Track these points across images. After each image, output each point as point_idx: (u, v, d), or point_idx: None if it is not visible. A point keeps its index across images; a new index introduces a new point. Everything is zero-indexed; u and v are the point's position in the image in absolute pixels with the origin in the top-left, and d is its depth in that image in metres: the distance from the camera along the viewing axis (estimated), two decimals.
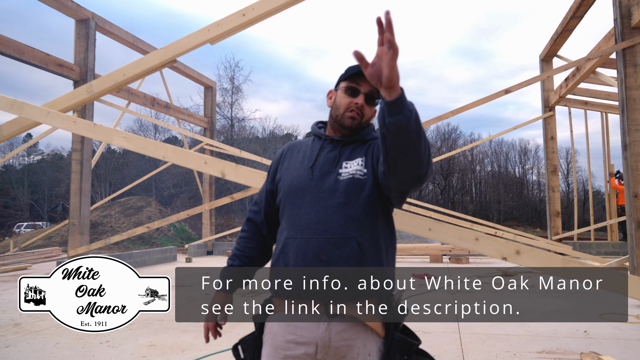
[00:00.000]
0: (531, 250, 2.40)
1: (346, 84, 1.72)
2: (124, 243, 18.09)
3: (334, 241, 1.56)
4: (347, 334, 1.55)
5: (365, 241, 1.58)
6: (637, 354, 4.05)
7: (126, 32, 11.23)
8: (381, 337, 1.59)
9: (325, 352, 1.55)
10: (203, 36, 3.72)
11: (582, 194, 32.35)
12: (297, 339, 1.57)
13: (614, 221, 12.86)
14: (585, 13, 9.22)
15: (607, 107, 12.83)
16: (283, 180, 1.73)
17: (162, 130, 37.05)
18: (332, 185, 1.62)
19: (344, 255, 1.54)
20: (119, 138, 3.15)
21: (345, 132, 1.73)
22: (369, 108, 1.73)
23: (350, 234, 1.56)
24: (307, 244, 1.57)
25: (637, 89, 6.44)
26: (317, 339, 1.55)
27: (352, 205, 1.59)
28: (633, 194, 6.37)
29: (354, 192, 1.60)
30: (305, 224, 1.59)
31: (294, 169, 1.71)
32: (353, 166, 1.65)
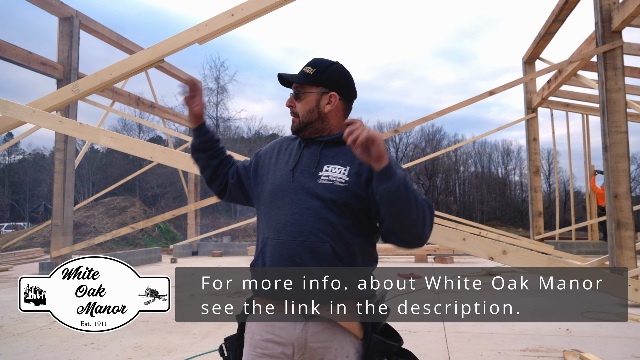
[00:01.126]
0: (517, 250, 2.44)
1: None
2: (108, 244, 17.87)
3: (307, 244, 1.55)
4: (323, 335, 1.55)
5: (339, 246, 1.56)
6: (617, 351, 4.15)
7: (110, 31, 11.10)
8: (359, 339, 1.57)
9: (302, 352, 1.55)
10: (191, 36, 3.70)
11: (564, 194, 32.87)
12: (275, 338, 1.58)
13: (594, 221, 13.11)
14: (567, 16, 9.38)
15: (588, 109, 13.07)
16: (266, 178, 1.74)
17: (147, 130, 36.69)
18: (310, 188, 1.61)
19: (317, 258, 1.54)
20: (106, 138, 3.12)
21: (300, 135, 1.75)
22: (302, 103, 1.71)
23: (324, 238, 1.55)
24: (283, 245, 1.57)
25: (618, 92, 6.58)
26: (294, 339, 1.56)
27: (328, 210, 1.57)
28: (613, 194, 6.50)
29: (331, 197, 1.58)
30: (282, 226, 1.59)
31: (279, 168, 1.72)
32: (334, 172, 1.62)
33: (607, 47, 6.65)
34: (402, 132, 39.58)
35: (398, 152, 40.63)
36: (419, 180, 38.59)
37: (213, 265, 11.63)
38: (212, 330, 4.98)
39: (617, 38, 6.72)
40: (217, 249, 15.06)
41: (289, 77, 1.75)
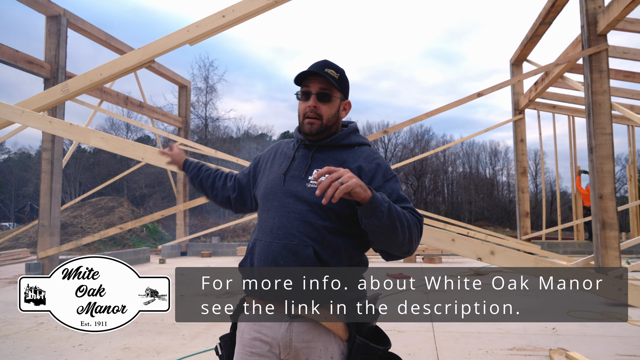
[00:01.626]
0: (505, 250, 2.49)
1: (300, 89, 1.73)
2: (95, 244, 17.71)
3: (291, 247, 1.57)
4: (307, 335, 1.57)
5: (323, 250, 1.57)
6: (602, 349, 4.22)
7: (98, 30, 11.01)
8: (344, 340, 1.58)
9: (287, 352, 1.58)
10: (182, 37, 3.69)
11: (550, 194, 33.23)
12: (262, 337, 1.62)
13: (580, 221, 13.28)
14: (554, 19, 9.50)
15: (574, 111, 13.24)
16: (261, 182, 1.79)
17: (135, 130, 36.40)
18: (298, 192, 1.63)
19: (300, 262, 1.55)
20: (97, 139, 3.10)
21: (310, 138, 1.72)
22: (326, 105, 1.69)
23: (307, 242, 1.56)
24: (269, 247, 1.60)
25: (603, 94, 6.68)
26: (279, 338, 1.59)
27: (314, 214, 1.58)
28: (598, 195, 6.60)
29: (317, 202, 1.57)
30: (269, 228, 1.63)
31: (273, 171, 1.74)
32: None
33: (593, 50, 6.75)
34: (391, 133, 39.72)
35: (387, 152, 40.78)
36: (408, 180, 38.77)
37: (202, 266, 11.59)
38: (201, 331, 4.97)
39: (602, 41, 6.83)
40: (206, 250, 15.00)
41: (327, 75, 1.65)
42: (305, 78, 1.69)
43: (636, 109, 12.66)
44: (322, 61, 1.72)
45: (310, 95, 1.69)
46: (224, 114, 44.44)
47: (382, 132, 7.94)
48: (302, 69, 1.71)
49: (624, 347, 4.28)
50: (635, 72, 10.69)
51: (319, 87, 1.68)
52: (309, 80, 1.69)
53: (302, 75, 1.69)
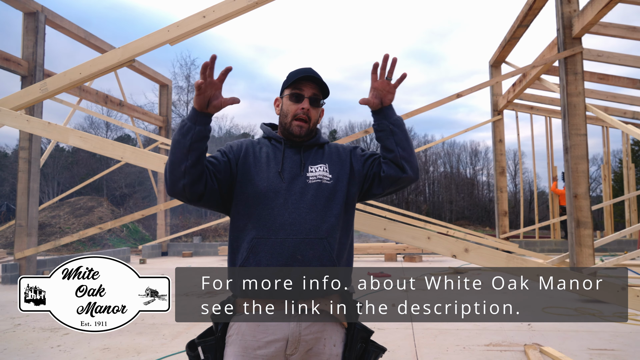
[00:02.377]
0: (478, 248, 2.56)
1: (290, 90, 1.81)
2: (74, 245, 17.45)
3: (308, 241, 1.64)
4: (315, 327, 1.65)
5: (334, 241, 1.69)
6: (575, 344, 4.34)
7: (77, 27, 10.86)
8: (344, 328, 1.72)
9: (295, 346, 1.63)
10: (163, 37, 3.69)
11: (529, 194, 33.78)
12: (268, 337, 1.62)
13: (556, 220, 13.57)
14: (531, 22, 9.68)
15: (551, 112, 13.52)
16: (249, 179, 1.73)
17: (115, 129, 35.91)
18: (302, 188, 1.70)
19: (317, 254, 1.64)
20: (75, 138, 3.09)
21: (296, 139, 1.80)
22: (315, 110, 1.82)
23: (322, 235, 1.66)
24: (283, 244, 1.63)
25: (578, 96, 6.84)
26: (288, 335, 1.62)
27: (323, 208, 1.69)
28: (573, 194, 6.77)
29: (323, 195, 1.71)
30: (279, 225, 1.65)
31: (262, 170, 1.75)
32: (318, 171, 1.76)
33: (568, 52, 6.91)
34: (373, 133, 39.86)
35: None
36: None
37: (183, 266, 11.53)
38: (182, 331, 4.97)
39: (577, 44, 7.00)
40: (188, 249, 14.91)
41: (322, 82, 1.83)
42: (298, 81, 1.79)
43: (610, 110, 12.99)
44: (309, 68, 1.83)
45: (302, 98, 1.79)
46: None
47: (364, 132, 8.01)
48: (291, 69, 1.83)
49: (595, 341, 4.42)
50: (609, 74, 10.96)
51: (312, 92, 1.80)
52: (301, 83, 1.79)
53: (298, 77, 1.78)
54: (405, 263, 11.70)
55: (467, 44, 67.75)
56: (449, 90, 64.05)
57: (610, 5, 6.21)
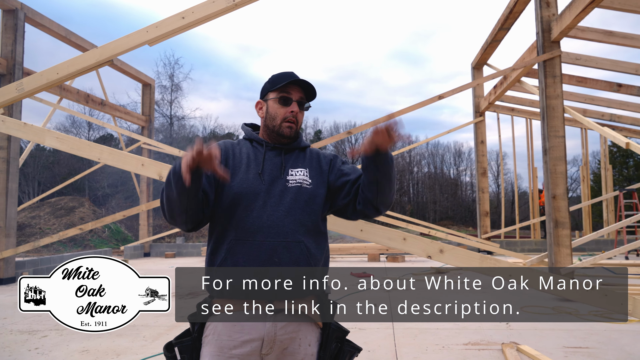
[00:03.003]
0: (453, 249, 2.61)
1: (277, 94, 1.83)
2: (55, 246, 17.20)
3: (285, 244, 1.66)
4: (290, 327, 1.67)
5: (311, 245, 1.71)
6: (551, 342, 4.43)
7: (58, 25, 10.71)
8: (320, 328, 1.73)
9: (270, 346, 1.64)
10: (141, 37, 3.67)
11: (511, 194, 34.25)
12: (244, 337, 1.63)
13: (537, 220, 13.77)
14: (512, 25, 9.84)
15: (531, 114, 13.72)
16: (230, 182, 1.74)
17: (97, 128, 35.45)
18: (282, 191, 1.72)
19: (294, 257, 1.66)
20: (51, 138, 3.05)
21: (284, 140, 1.84)
22: (301, 113, 1.86)
23: (299, 238, 1.68)
24: (260, 246, 1.65)
25: (556, 98, 6.97)
26: (264, 334, 1.64)
27: (301, 212, 1.71)
28: (552, 195, 6.89)
29: (303, 199, 1.73)
30: (257, 227, 1.66)
31: (242, 172, 1.76)
32: (299, 175, 1.78)
33: (547, 55, 7.04)
34: (357, 133, 40.07)
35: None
36: None
37: (165, 267, 11.44)
38: (162, 332, 4.94)
39: (556, 47, 7.13)
40: (170, 250, 14.80)
41: (311, 88, 1.85)
42: (286, 85, 1.82)
43: (588, 112, 13.23)
44: (293, 72, 1.87)
45: (291, 101, 1.82)
46: (189, 113, 43.96)
47: (347, 133, 8.06)
48: (276, 70, 1.88)
49: (571, 339, 4.51)
50: (587, 77, 11.17)
51: (299, 95, 1.84)
52: (289, 87, 1.82)
53: (287, 82, 1.81)
54: (388, 263, 11.77)
55: (450, 46, 68.41)
56: (433, 91, 64.60)
57: (588, 9, 6.34)
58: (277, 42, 65.87)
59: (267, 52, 64.57)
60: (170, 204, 1.61)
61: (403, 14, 68.57)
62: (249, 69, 64.10)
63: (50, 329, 5.10)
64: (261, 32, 65.83)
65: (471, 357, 4.02)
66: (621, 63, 9.96)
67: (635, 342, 4.41)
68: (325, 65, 65.22)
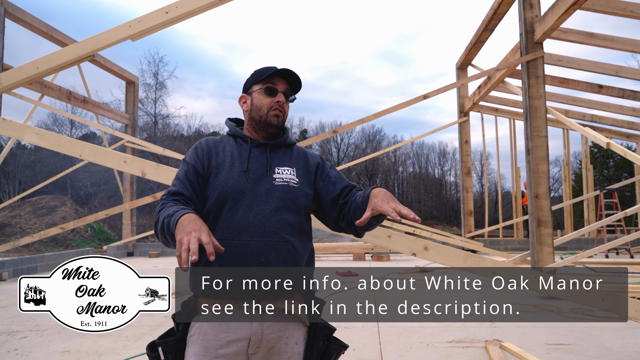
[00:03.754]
0: (438, 246, 2.61)
1: (262, 85, 1.81)
2: (36, 245, 16.91)
3: (272, 244, 1.64)
4: (277, 326, 1.65)
5: (297, 244, 1.70)
6: (534, 339, 4.48)
7: (39, 21, 10.53)
8: (307, 327, 1.72)
9: (257, 346, 1.62)
10: (124, 32, 3.61)
11: (495, 194, 34.63)
12: (230, 337, 1.61)
13: (520, 219, 13.93)
14: (496, 26, 9.93)
15: (514, 114, 13.88)
16: (215, 179, 1.72)
17: (79, 126, 34.94)
18: (268, 190, 1.70)
19: (281, 257, 1.64)
20: (31, 134, 2.99)
21: (272, 130, 1.81)
22: (287, 105, 1.84)
23: (286, 238, 1.66)
24: (246, 246, 1.62)
25: (539, 99, 7.06)
26: (250, 334, 1.62)
27: (288, 211, 1.69)
28: (534, 194, 6.97)
29: (289, 198, 1.71)
30: (243, 227, 1.64)
31: (226, 170, 1.73)
32: (285, 173, 1.75)
33: (530, 56, 7.12)
34: (343, 133, 40.15)
35: (339, 152, 41.17)
36: (360, 180, 39.30)
37: (148, 267, 11.32)
38: (146, 332, 4.88)
39: (539, 49, 7.21)
40: (154, 250, 14.65)
41: (296, 79, 1.83)
42: (269, 76, 1.81)
43: (570, 113, 13.43)
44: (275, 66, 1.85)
45: (276, 92, 1.80)
46: (174, 111, 43.57)
47: (332, 132, 8.05)
48: (262, 66, 1.85)
49: (552, 336, 4.57)
50: (569, 78, 11.33)
51: (284, 87, 1.82)
52: (274, 78, 1.81)
53: (272, 73, 1.80)
54: (373, 262, 11.80)
55: (435, 46, 68.78)
56: (418, 91, 64.85)
57: (570, 11, 6.43)
58: (263, 41, 65.56)
59: (252, 51, 64.26)
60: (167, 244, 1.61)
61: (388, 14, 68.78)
62: (235, 68, 63.72)
63: (30, 329, 5.01)
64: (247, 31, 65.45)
65: (455, 355, 4.05)
66: (602, 65, 10.13)
67: (615, 339, 4.48)
68: (311, 65, 65.12)
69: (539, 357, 3.90)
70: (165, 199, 1.69)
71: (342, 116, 61.67)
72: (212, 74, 61.49)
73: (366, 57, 67.03)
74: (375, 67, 66.40)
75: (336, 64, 65.79)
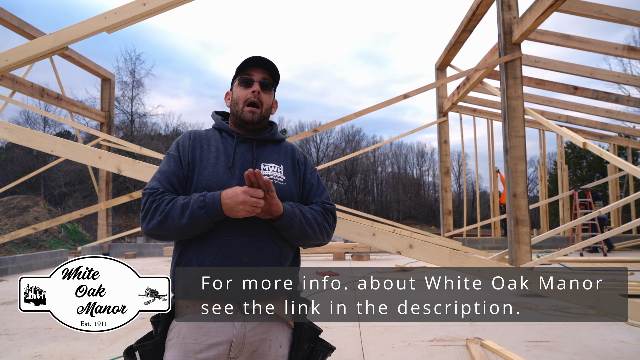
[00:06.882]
0: (422, 244, 2.59)
1: (239, 77, 1.76)
2: (6, 246, 16.42)
3: (256, 244, 1.58)
4: (260, 328, 1.58)
5: (282, 244, 1.63)
6: (514, 337, 4.51)
7: (10, 15, 10.21)
8: (291, 328, 1.66)
9: (239, 349, 1.56)
10: (99, 24, 3.48)
11: (472, 194, 35.06)
12: (210, 339, 1.54)
13: (497, 219, 14.12)
14: (475, 27, 10.01)
15: (492, 115, 14.05)
16: (196, 175, 1.66)
17: (53, 124, 34.12)
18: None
19: (265, 257, 1.58)
20: (0, 129, 2.85)
21: (248, 126, 1.73)
22: (267, 95, 1.76)
23: (270, 238, 1.60)
24: (229, 245, 1.56)
25: (517, 99, 7.13)
26: (232, 337, 1.55)
27: None
28: (512, 193, 7.04)
29: None
30: (226, 225, 1.58)
31: (211, 165, 1.67)
32: (271, 170, 1.69)
33: (508, 57, 7.19)
34: (322, 133, 40.17)
35: (319, 152, 41.17)
36: (339, 180, 39.36)
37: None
38: (122, 335, 4.75)
39: (516, 50, 7.29)
40: (131, 250, 14.38)
41: (272, 67, 1.75)
42: (247, 67, 1.74)
43: (546, 114, 13.66)
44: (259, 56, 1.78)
45: (252, 82, 1.73)
46: (151, 110, 42.93)
47: (312, 131, 8.00)
48: (240, 60, 1.76)
49: (532, 334, 4.61)
50: (545, 80, 11.52)
51: (262, 76, 1.75)
52: (250, 69, 1.74)
53: (247, 63, 1.73)
54: (353, 262, 11.79)
55: (413, 47, 69.36)
56: (396, 92, 65.29)
57: (547, 13, 6.50)
58: (240, 40, 65.07)
59: (229, 49, 63.76)
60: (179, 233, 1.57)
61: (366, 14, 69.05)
62: (211, 66, 63.10)
63: (0, 333, 4.83)
64: (223, 29, 64.91)
65: (437, 353, 4.04)
66: (577, 66, 10.32)
67: (592, 335, 4.54)
68: (289, 64, 64.91)
69: (519, 354, 3.92)
70: (155, 194, 1.61)
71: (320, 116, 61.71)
72: (188, 72, 60.77)
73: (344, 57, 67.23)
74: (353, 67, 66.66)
75: (314, 63, 65.84)
